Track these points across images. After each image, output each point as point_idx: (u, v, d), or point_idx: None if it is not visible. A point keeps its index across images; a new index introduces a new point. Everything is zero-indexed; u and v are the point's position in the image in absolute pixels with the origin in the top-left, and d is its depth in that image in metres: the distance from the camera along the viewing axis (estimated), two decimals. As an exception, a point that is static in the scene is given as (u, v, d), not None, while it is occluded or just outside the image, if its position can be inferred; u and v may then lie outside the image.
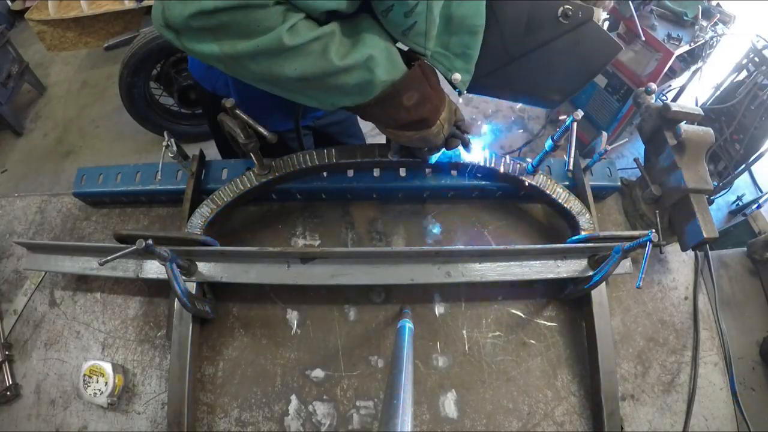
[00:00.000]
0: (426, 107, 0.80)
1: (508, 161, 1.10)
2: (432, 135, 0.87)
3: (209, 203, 1.05)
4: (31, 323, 1.09)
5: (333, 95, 0.73)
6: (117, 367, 1.00)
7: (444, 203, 1.21)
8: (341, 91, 0.71)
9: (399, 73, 0.74)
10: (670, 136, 1.07)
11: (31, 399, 1.02)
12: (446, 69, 0.79)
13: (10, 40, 3.19)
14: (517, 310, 1.09)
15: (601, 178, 1.17)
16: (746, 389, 1.10)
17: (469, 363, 1.03)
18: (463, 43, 0.76)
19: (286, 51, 0.62)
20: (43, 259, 1.07)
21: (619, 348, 1.06)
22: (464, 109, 3.50)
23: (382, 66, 0.70)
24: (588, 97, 2.93)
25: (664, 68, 2.45)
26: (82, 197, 1.20)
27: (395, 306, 1.08)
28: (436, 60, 0.78)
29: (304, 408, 0.98)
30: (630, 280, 1.13)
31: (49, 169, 3.19)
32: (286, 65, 0.65)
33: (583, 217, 1.07)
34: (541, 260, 1.00)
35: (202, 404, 0.99)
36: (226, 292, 1.07)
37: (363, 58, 0.67)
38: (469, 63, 0.79)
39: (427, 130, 0.85)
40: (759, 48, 2.38)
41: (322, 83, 0.69)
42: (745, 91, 2.44)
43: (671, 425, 1.01)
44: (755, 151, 2.56)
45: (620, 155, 3.15)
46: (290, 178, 1.09)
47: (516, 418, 0.98)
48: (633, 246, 0.86)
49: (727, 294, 1.21)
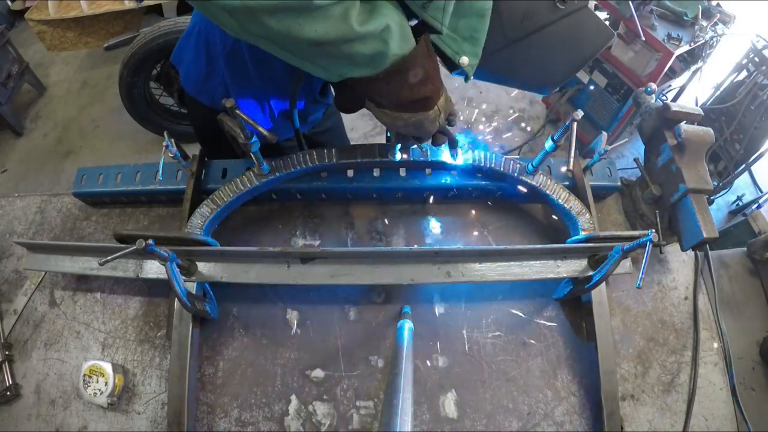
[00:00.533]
0: (428, 87, 0.79)
1: (507, 161, 1.10)
2: (429, 120, 0.86)
3: (209, 203, 1.05)
4: (31, 323, 1.09)
5: (343, 65, 0.72)
6: (117, 367, 1.00)
7: (444, 203, 1.21)
8: (352, 60, 0.70)
9: (410, 47, 0.72)
10: (670, 136, 1.07)
11: (31, 399, 1.02)
12: (454, 52, 0.78)
13: (10, 40, 3.19)
14: (517, 310, 1.09)
15: (601, 178, 1.17)
16: (746, 389, 1.10)
17: (469, 363, 1.03)
18: (472, 26, 0.77)
19: (313, 10, 0.60)
20: (43, 259, 1.07)
21: (619, 348, 1.06)
22: (464, 109, 3.50)
23: (396, 38, 0.69)
24: (588, 97, 2.94)
25: (664, 68, 2.45)
26: (82, 197, 1.20)
27: (395, 306, 1.08)
28: (445, 43, 0.78)
29: (304, 408, 0.98)
30: (630, 280, 1.13)
31: (49, 169, 3.19)
32: (306, 26, 0.62)
33: (583, 217, 1.07)
34: (541, 260, 1.00)
35: (202, 404, 0.99)
36: (226, 292, 1.07)
37: (380, 27, 0.66)
38: (477, 46, 0.79)
39: (425, 113, 0.84)
40: (759, 48, 2.38)
41: (336, 50, 0.67)
42: (745, 91, 2.44)
43: (671, 425, 1.01)
44: (755, 151, 2.56)
45: (620, 155, 3.15)
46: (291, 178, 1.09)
47: (516, 418, 0.98)
48: (633, 246, 0.86)
49: (727, 294, 1.21)
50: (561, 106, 3.08)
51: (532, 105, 3.57)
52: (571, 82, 3.06)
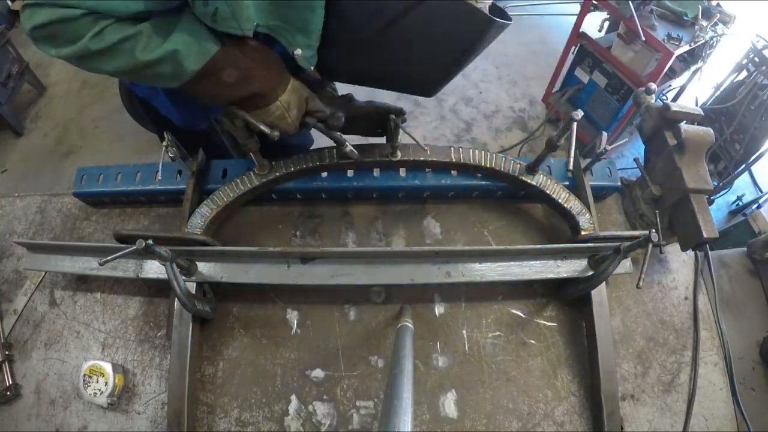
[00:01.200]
0: (254, 84, 0.82)
1: (507, 161, 1.10)
2: (275, 117, 0.87)
3: (209, 203, 1.05)
4: (31, 323, 1.09)
5: (157, 81, 0.80)
6: (117, 367, 1.00)
7: (444, 203, 1.21)
8: (159, 78, 0.78)
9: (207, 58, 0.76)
10: (670, 136, 1.07)
11: (31, 399, 1.02)
12: (288, 43, 0.79)
13: (10, 39, 3.19)
14: (517, 310, 1.09)
15: (601, 178, 1.17)
16: (746, 389, 1.10)
17: (469, 363, 1.03)
18: (303, 18, 0.76)
19: (96, 53, 0.71)
20: (43, 259, 1.07)
21: (619, 348, 1.06)
22: (464, 109, 3.50)
23: (191, 58, 0.75)
24: (588, 96, 2.94)
25: (664, 68, 2.45)
26: (82, 197, 1.20)
27: (395, 306, 1.08)
28: (279, 34, 0.79)
29: (304, 408, 0.98)
30: (630, 280, 1.13)
31: (49, 169, 3.18)
32: (103, 63, 0.74)
33: (583, 217, 1.07)
34: (541, 260, 1.00)
35: (202, 404, 0.99)
36: (226, 292, 1.08)
37: (166, 53, 0.73)
38: (310, 38, 0.79)
39: (265, 109, 0.86)
40: (759, 48, 2.38)
41: (141, 74, 0.77)
42: (745, 91, 2.44)
43: (671, 425, 1.01)
44: (755, 151, 2.56)
45: (620, 155, 3.15)
46: (291, 177, 1.09)
47: (516, 418, 0.98)
48: (633, 246, 0.86)
49: (727, 294, 1.21)
50: (561, 105, 3.08)
51: (532, 105, 3.56)
52: (571, 81, 3.06)
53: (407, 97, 3.54)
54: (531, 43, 4.04)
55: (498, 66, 3.83)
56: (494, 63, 3.85)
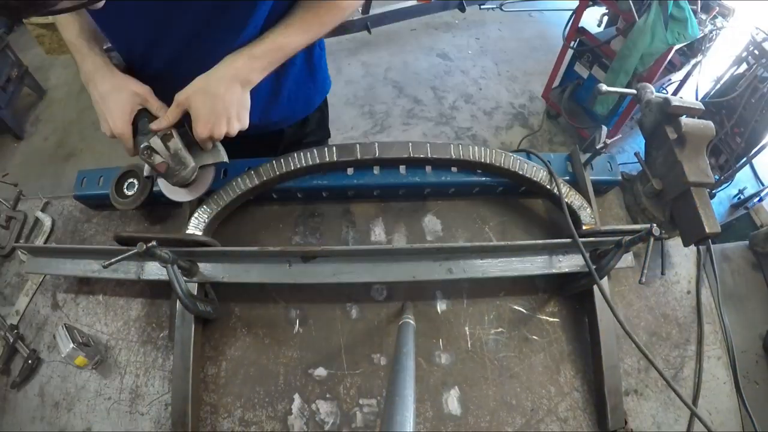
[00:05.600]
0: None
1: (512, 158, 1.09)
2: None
3: (209, 203, 1.05)
4: (34, 326, 1.09)
5: None
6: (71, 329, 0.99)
7: (445, 200, 1.20)
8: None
9: None
10: (671, 131, 1.07)
11: (35, 402, 1.02)
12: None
13: (9, 44, 3.19)
14: (519, 306, 1.09)
15: (602, 172, 1.17)
16: (750, 383, 1.10)
17: (472, 360, 1.03)
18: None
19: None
20: (45, 263, 1.07)
21: (621, 343, 1.06)
22: (464, 106, 3.49)
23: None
24: (588, 91, 2.93)
25: (664, 62, 2.45)
26: (83, 200, 1.20)
27: (397, 303, 1.08)
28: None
29: (308, 407, 0.98)
30: (632, 275, 1.12)
31: (50, 172, 3.19)
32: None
33: (584, 212, 1.07)
34: (542, 255, 1.00)
35: (206, 404, 0.99)
36: (227, 292, 1.07)
37: None
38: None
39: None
40: (759, 40, 2.37)
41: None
42: (745, 84, 2.44)
43: (675, 419, 1.00)
44: (756, 144, 2.55)
45: (621, 149, 3.14)
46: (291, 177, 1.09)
47: (519, 415, 0.98)
48: (634, 240, 0.86)
49: (730, 287, 1.21)
50: (560, 101, 3.07)
51: (531, 101, 3.56)
52: (570, 76, 3.06)
53: (407, 94, 3.55)
54: (530, 38, 4.03)
55: (497, 62, 3.83)
56: (494, 59, 3.84)
